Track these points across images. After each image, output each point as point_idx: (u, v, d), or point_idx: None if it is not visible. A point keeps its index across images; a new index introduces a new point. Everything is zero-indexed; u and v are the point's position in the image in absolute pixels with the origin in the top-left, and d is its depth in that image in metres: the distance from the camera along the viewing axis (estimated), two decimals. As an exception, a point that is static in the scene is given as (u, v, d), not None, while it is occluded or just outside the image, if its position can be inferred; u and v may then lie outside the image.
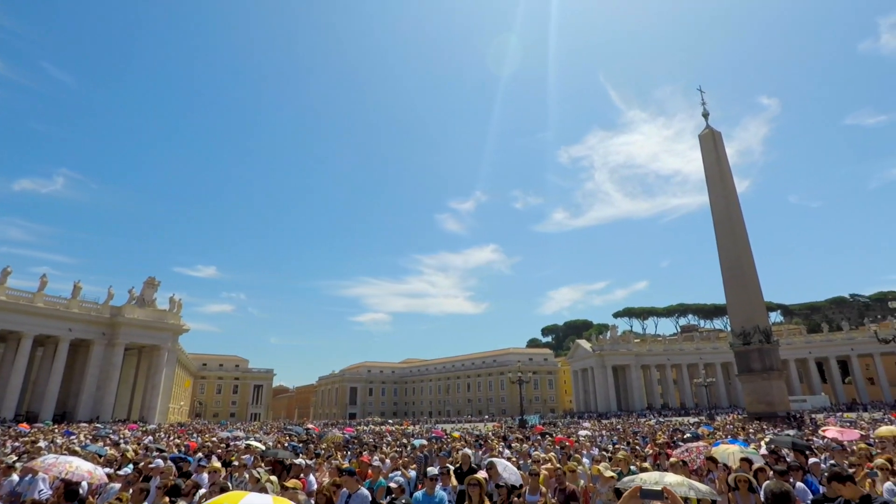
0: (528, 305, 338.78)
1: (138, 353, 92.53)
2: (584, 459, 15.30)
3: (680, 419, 65.10)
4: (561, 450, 19.06)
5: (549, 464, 12.53)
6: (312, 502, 9.03)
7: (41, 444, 24.03)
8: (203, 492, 9.17)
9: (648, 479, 6.38)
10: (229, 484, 9.99)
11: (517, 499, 9.53)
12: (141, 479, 10.67)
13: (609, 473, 9.75)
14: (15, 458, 14.57)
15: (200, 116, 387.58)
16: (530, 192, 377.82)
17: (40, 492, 10.44)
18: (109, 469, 12.71)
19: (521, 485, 10.52)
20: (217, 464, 13.48)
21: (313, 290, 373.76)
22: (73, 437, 33.36)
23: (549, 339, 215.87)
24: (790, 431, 25.29)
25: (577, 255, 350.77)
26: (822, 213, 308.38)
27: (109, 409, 79.33)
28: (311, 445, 25.04)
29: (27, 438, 29.39)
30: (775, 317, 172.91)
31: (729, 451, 12.33)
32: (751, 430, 30.64)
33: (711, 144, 60.27)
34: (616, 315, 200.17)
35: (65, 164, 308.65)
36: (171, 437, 34.71)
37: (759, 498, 8.09)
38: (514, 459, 15.58)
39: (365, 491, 9.17)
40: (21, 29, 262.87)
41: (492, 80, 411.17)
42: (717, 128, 61.68)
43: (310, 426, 54.32)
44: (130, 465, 13.46)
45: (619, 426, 45.55)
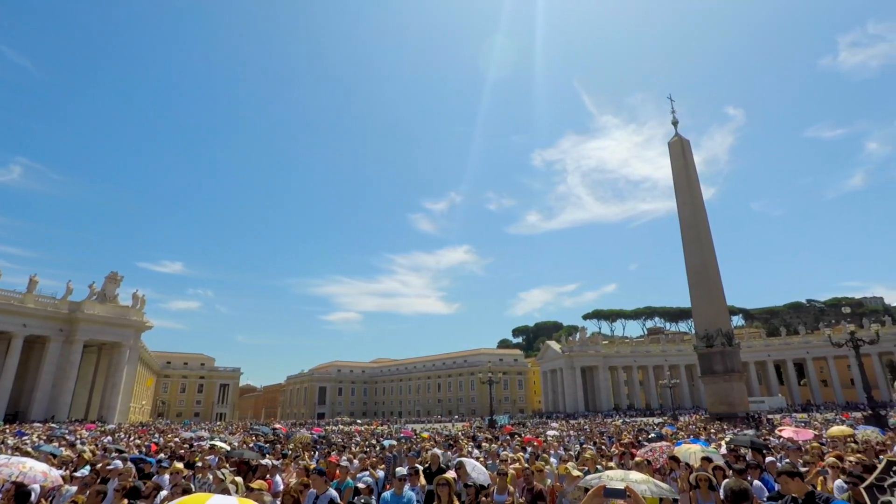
0: (500, 306, 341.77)
1: (98, 350, 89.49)
2: (552, 459, 15.50)
3: (645, 419, 66.54)
4: (529, 450, 19.25)
5: (517, 464, 12.65)
6: (278, 503, 8.89)
7: (-9, 444, 23.00)
8: (165, 494, 8.92)
9: (613, 476, 6.51)
10: (192, 485, 9.76)
11: (485, 498, 9.58)
12: (98, 480, 10.36)
13: (576, 472, 9.90)
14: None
15: (169, 108, 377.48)
16: (504, 194, 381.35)
17: (-12, 495, 9.98)
18: (64, 471, 12.27)
19: (489, 484, 10.59)
20: (180, 465, 13.13)
21: (283, 288, 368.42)
22: (25, 438, 32.07)
23: (519, 339, 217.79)
24: (749, 431, 26.12)
25: (549, 258, 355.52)
26: (783, 220, 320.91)
27: (66, 408, 76.40)
28: (279, 446, 24.69)
29: (-25, 439, 28.13)
30: (737, 320, 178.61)
31: (691, 451, 12.68)
32: (712, 430, 31.49)
33: (680, 152, 61.79)
34: (585, 317, 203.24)
35: (23, 153, 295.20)
36: (132, 438, 33.73)
37: (719, 496, 8.34)
38: (482, 459, 15.67)
39: (333, 492, 9.08)
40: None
41: (469, 83, 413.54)
42: (686, 136, 63.31)
43: (277, 426, 53.48)
44: (87, 467, 13.00)
45: (586, 426, 46.24)
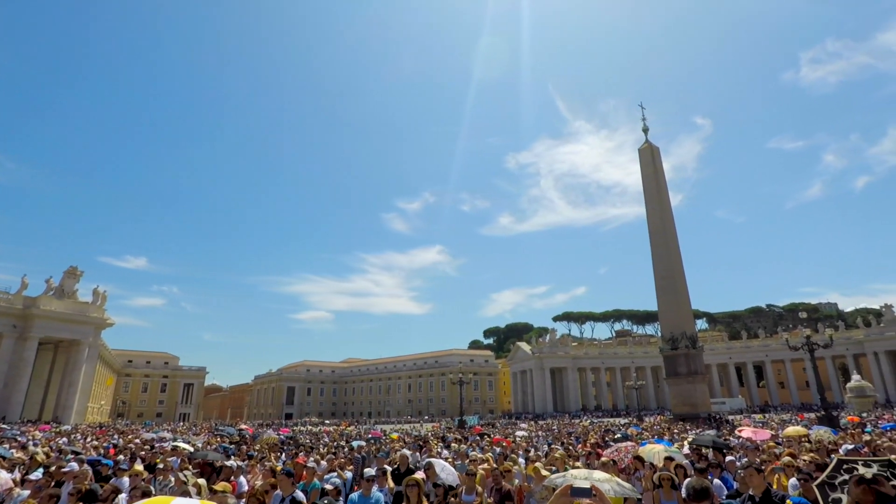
0: (472, 307, 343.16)
1: (55, 348, 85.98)
2: (520, 459, 15.65)
3: (611, 420, 67.85)
4: (498, 450, 19.40)
5: (485, 464, 12.73)
6: (242, 504, 8.71)
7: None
8: (124, 497, 8.64)
9: (577, 475, 6.62)
10: (152, 488, 9.47)
11: (454, 499, 9.61)
12: (52, 484, 9.97)
13: (544, 472, 10.01)
14: None
15: (135, 96, 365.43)
16: (478, 196, 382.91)
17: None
18: (16, 473, 11.76)
19: (458, 485, 10.62)
20: (139, 467, 12.75)
21: (252, 286, 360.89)
22: (-27, 439, 30.53)
23: (490, 340, 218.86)
24: (710, 431, 26.87)
25: (521, 259, 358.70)
26: (746, 228, 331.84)
27: (18, 408, 73.05)
28: (244, 447, 24.23)
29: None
30: (701, 324, 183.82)
31: (655, 451, 13.00)
32: (675, 431, 32.31)
33: (650, 158, 63.22)
34: (556, 319, 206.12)
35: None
36: (89, 439, 32.54)
37: (681, 495, 8.56)
38: (451, 459, 15.70)
39: (300, 494, 8.95)
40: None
41: (447, 86, 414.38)
42: (656, 143, 64.84)
43: (243, 427, 52.51)
44: (41, 470, 12.48)
45: (554, 427, 46.87)
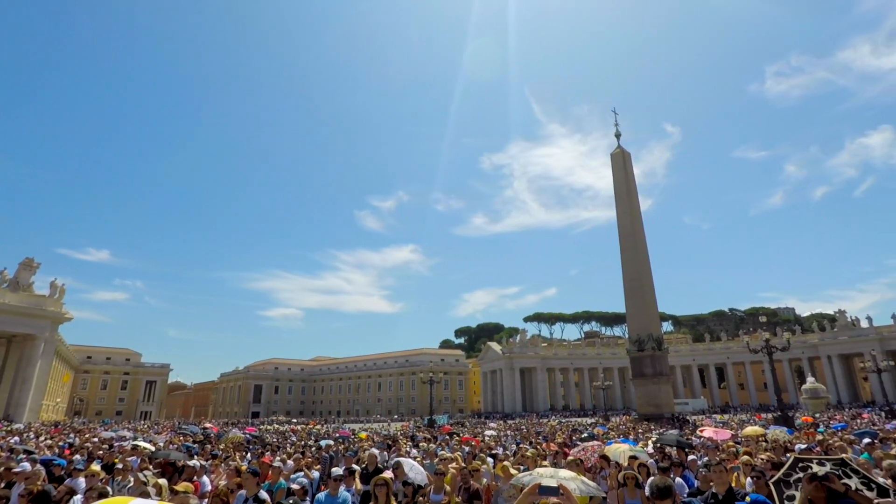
0: (444, 307, 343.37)
1: (7, 343, 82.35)
2: (489, 459, 15.74)
3: (579, 420, 69.00)
4: (467, 449, 19.47)
5: (454, 463, 12.75)
6: (205, 505, 8.50)
7: None
8: (79, 498, 8.31)
9: (543, 473, 6.68)
10: (109, 489, 9.14)
11: (422, 498, 9.60)
12: (3, 485, 9.54)
13: (512, 471, 10.09)
14: None
15: (105, 84, 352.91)
16: (452, 196, 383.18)
17: None
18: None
19: (427, 484, 10.60)
20: (96, 467, 12.29)
21: (220, 282, 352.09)
22: (-84, 438, 28.99)
23: (461, 340, 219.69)
24: (673, 431, 27.60)
25: (493, 260, 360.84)
26: (711, 233, 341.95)
27: (-34, 405, 69.85)
28: (208, 446, 23.68)
29: None
30: (667, 326, 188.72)
31: (620, 450, 13.28)
32: (640, 430, 33.05)
33: (621, 163, 64.51)
34: (526, 319, 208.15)
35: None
36: (42, 438, 31.25)
37: (645, 493, 8.75)
38: (420, 459, 15.69)
39: (264, 494, 8.79)
40: None
41: (424, 86, 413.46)
42: (628, 148, 66.15)
43: (208, 425, 51.33)
44: (-11, 470, 11.90)
45: (523, 426, 47.33)
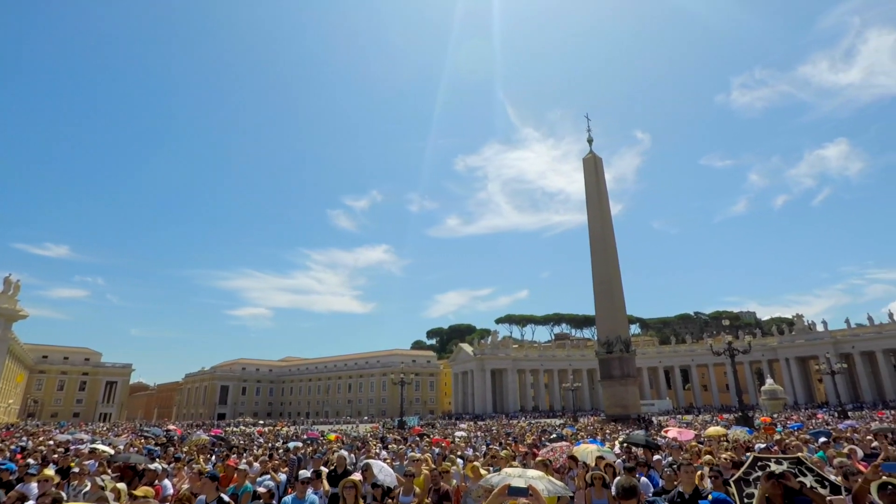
0: (416, 308, 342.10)
1: (-44, 341, 78.42)
2: (459, 460, 15.72)
3: (548, 421, 69.76)
4: (437, 451, 19.40)
5: (424, 464, 12.67)
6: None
7: None
8: (30, 504, 7.90)
9: (512, 473, 6.69)
10: (64, 494, 8.74)
11: (391, 500, 9.50)
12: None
13: (482, 472, 10.08)
14: None
15: (63, 75, 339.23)
16: (426, 197, 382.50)
17: None
18: None
19: (396, 486, 10.51)
20: (50, 471, 11.75)
21: (185, 279, 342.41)
22: None
23: (433, 341, 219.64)
24: (639, 432, 28.17)
25: (466, 262, 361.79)
26: (678, 239, 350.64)
27: None
28: (171, 448, 22.95)
29: None
30: (634, 329, 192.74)
31: (588, 451, 13.42)
32: (608, 431, 33.61)
33: (593, 168, 65.68)
34: (498, 321, 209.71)
35: None
36: (-7, 441, 29.76)
37: (611, 493, 8.87)
38: (390, 460, 15.58)
39: (226, 498, 8.54)
40: None
41: (400, 86, 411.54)
42: (599, 154, 67.46)
43: (171, 427, 49.92)
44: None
45: (493, 427, 47.57)
